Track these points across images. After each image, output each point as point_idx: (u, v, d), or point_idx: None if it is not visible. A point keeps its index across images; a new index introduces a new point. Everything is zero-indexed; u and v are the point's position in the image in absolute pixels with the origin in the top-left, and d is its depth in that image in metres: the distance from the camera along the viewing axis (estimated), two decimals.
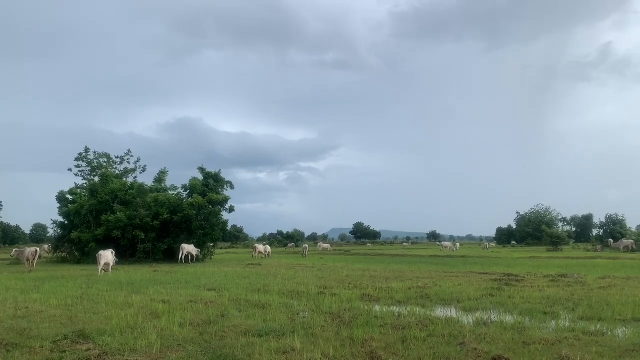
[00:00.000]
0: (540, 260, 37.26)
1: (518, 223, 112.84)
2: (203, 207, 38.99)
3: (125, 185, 40.70)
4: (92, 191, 39.56)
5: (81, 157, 43.77)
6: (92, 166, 43.85)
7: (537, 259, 40.82)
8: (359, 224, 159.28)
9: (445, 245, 67.61)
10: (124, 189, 39.92)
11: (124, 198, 39.38)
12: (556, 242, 68.37)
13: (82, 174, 43.92)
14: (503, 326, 9.66)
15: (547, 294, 14.47)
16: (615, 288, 16.00)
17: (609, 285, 16.81)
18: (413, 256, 47.70)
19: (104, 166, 43.82)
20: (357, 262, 35.72)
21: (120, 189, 39.53)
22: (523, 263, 33.21)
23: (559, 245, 68.23)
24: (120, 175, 43.69)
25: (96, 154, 44.45)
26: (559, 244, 68.81)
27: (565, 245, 72.40)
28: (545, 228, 76.71)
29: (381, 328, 9.52)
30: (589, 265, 29.62)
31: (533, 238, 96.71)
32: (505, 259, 39.51)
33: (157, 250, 37.59)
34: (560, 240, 69.81)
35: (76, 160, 43.69)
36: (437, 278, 20.11)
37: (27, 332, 9.29)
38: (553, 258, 41.70)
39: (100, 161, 44.27)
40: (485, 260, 37.51)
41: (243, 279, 20.36)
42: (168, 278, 20.95)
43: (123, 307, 12.39)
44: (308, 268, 27.39)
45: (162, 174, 45.16)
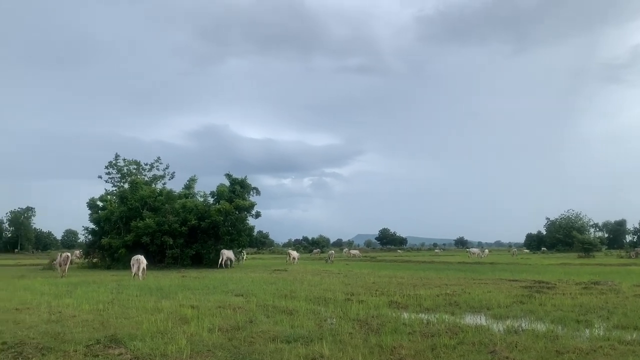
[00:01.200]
0: (572, 268, 36.45)
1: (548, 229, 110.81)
2: (230, 213, 39.31)
3: (155, 192, 41.34)
4: (122, 198, 40.30)
5: (112, 164, 44.70)
6: (122, 173, 44.75)
7: (568, 266, 39.95)
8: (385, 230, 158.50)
9: (474, 252, 66.76)
10: (153, 195, 40.54)
11: (153, 205, 39.99)
12: (588, 248, 66.81)
13: (113, 181, 44.87)
14: (535, 334, 9.47)
15: (580, 302, 14.14)
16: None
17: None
18: (440, 263, 47.19)
19: (134, 173, 44.65)
20: (384, 268, 35.49)
21: (150, 195, 40.16)
22: (554, 270, 32.54)
23: (591, 252, 66.66)
24: (150, 182, 44.46)
25: (126, 162, 45.35)
26: (591, 250, 67.21)
27: (597, 252, 70.69)
28: (576, 234, 75.04)
29: (410, 336, 9.43)
30: (623, 273, 28.85)
31: (564, 245, 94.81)
32: (535, 266, 38.76)
33: (185, 256, 38.02)
34: (593, 247, 68.18)
35: (107, 168, 44.66)
36: (466, 285, 19.85)
37: (61, 337, 9.48)
38: (585, 265, 40.77)
39: (130, 168, 45.16)
40: (515, 267, 36.87)
41: (270, 285, 20.43)
42: (196, 284, 21.16)
43: (153, 312, 12.55)
44: (334, 274, 27.33)
45: (192, 181, 45.86)
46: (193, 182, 45.73)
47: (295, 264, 43.08)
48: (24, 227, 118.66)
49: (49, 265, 36.50)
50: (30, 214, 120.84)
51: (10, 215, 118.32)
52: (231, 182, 42.22)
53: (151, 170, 46.20)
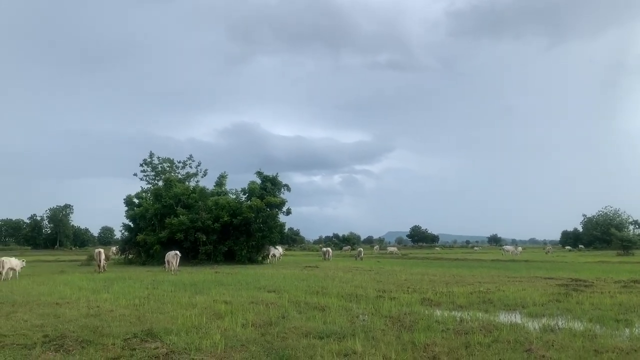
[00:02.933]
0: (611, 265, 35.47)
1: (585, 226, 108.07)
2: (261, 210, 39.62)
3: (188, 189, 41.98)
4: (156, 195, 41.07)
5: (146, 162, 45.61)
6: (156, 171, 45.64)
7: (606, 264, 38.90)
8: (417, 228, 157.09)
9: (508, 249, 65.67)
10: (187, 193, 41.16)
11: (187, 202, 40.61)
12: (627, 246, 64.86)
13: (147, 178, 45.80)
14: (572, 333, 9.27)
15: (620, 301, 13.77)
16: None
17: None
18: (473, 260, 46.55)
19: (168, 171, 45.45)
20: (415, 266, 35.23)
21: (183, 193, 40.79)
22: (591, 268, 31.73)
23: (630, 250, 64.70)
24: (183, 180, 45.20)
25: (160, 160, 46.22)
26: (630, 248, 65.24)
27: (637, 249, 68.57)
28: (614, 232, 72.90)
29: (443, 333, 9.35)
30: None
31: (601, 242, 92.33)
32: (571, 264, 37.89)
33: (218, 253, 38.50)
34: (632, 245, 66.16)
35: (142, 166, 45.58)
36: (500, 283, 19.55)
37: (100, 330, 9.74)
38: (624, 263, 39.62)
39: (164, 166, 46.02)
40: (550, 265, 36.11)
41: (302, 281, 20.53)
42: (229, 280, 21.41)
43: (187, 307, 12.77)
44: (365, 271, 27.28)
45: (223, 178, 46.34)
46: (224, 179, 46.25)
47: (327, 261, 43.25)
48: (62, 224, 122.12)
49: (87, 262, 37.61)
50: (68, 211, 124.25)
51: (50, 212, 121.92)
52: (262, 180, 42.53)
53: (184, 168, 47.00)
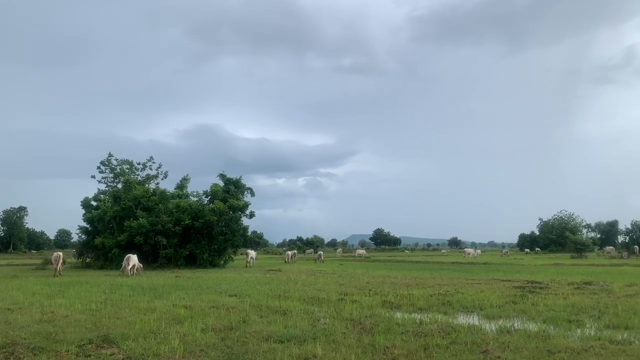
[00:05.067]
0: (565, 268, 36.63)
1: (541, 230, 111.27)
2: (224, 213, 39.26)
3: (148, 191, 41.21)
4: (115, 198, 40.15)
5: (104, 164, 44.55)
6: (115, 173, 44.61)
7: (561, 266, 40.15)
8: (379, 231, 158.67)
9: (469, 252, 67.00)
10: (147, 195, 40.42)
11: (147, 204, 39.87)
12: (581, 249, 67.22)
13: (106, 180, 44.71)
14: (527, 334, 9.52)
15: (572, 302, 14.23)
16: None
17: (636, 294, 16.46)
18: (434, 263, 47.32)
19: (127, 173, 44.49)
20: (378, 268, 35.56)
21: (143, 195, 40.04)
22: (547, 270, 32.70)
23: (583, 252, 66.99)
24: (143, 182, 44.32)
25: (119, 161, 45.20)
26: (583, 250, 67.60)
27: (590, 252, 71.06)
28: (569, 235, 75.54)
29: (403, 335, 9.46)
30: (615, 273, 29.03)
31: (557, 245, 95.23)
32: (528, 266, 38.94)
33: (178, 256, 37.93)
34: (585, 247, 68.64)
35: (99, 168, 44.50)
36: (459, 285, 19.91)
37: (53, 337, 9.44)
38: (578, 265, 40.97)
39: (123, 168, 45.01)
40: (508, 268, 37.03)
41: (264, 285, 20.43)
42: (190, 284, 21.12)
43: (146, 312, 12.53)
44: (328, 275, 27.36)
45: (185, 181, 45.68)
46: (186, 181, 45.60)
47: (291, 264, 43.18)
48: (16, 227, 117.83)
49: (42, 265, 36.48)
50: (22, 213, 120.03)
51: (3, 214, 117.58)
52: (225, 182, 42.18)
53: (144, 170, 46.09)
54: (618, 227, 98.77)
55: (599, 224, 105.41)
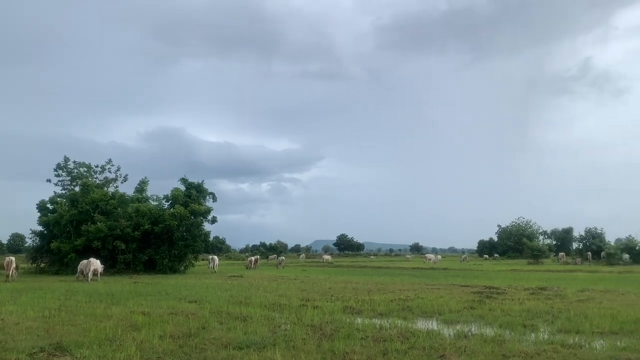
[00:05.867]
0: (521, 273, 37.59)
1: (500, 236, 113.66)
2: (185, 218, 38.73)
3: (107, 195, 40.31)
4: (72, 201, 39.07)
5: (61, 167, 43.33)
6: (72, 176, 43.44)
7: (518, 272, 41.17)
8: (343, 236, 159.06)
9: (429, 257, 67.97)
10: (105, 199, 39.52)
11: (105, 208, 38.97)
12: (537, 255, 68.94)
13: (62, 184, 43.47)
14: (483, 339, 9.72)
15: (528, 307, 14.61)
16: (594, 301, 16.22)
17: (587, 299, 17.03)
18: (396, 268, 47.80)
19: (85, 176, 43.37)
20: (340, 274, 35.69)
21: (102, 199, 39.13)
22: (504, 276, 33.49)
23: (540, 259, 68.83)
24: (102, 185, 43.29)
25: (76, 164, 44.04)
26: (540, 257, 69.39)
27: (546, 258, 73.05)
28: (526, 241, 77.36)
29: (362, 341, 9.52)
30: (569, 279, 29.97)
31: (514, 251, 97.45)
32: (486, 272, 39.79)
33: (138, 262, 37.21)
34: (542, 254, 70.41)
35: (56, 170, 43.26)
36: (419, 290, 20.17)
37: (3, 345, 9.11)
38: (534, 271, 42.09)
39: (80, 171, 43.86)
40: (467, 273, 37.76)
41: (225, 291, 20.22)
42: (149, 290, 20.72)
43: (102, 319, 12.22)
44: (291, 280, 27.29)
45: (144, 184, 44.82)
46: (145, 184, 44.73)
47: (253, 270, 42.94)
48: None
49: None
50: None
51: None
52: (187, 187, 41.62)
53: (103, 173, 45.01)
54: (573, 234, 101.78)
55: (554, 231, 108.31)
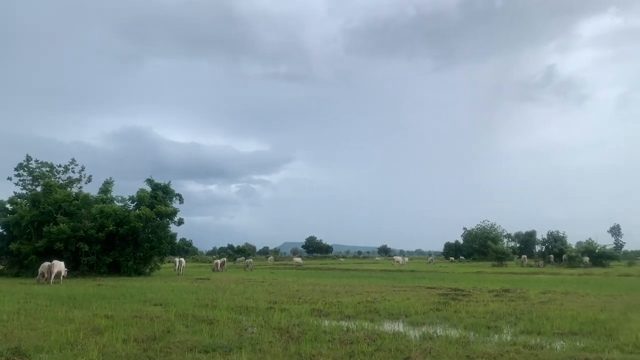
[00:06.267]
0: (486, 276, 38.27)
1: (465, 239, 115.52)
2: (151, 219, 38.11)
3: (70, 195, 39.31)
4: (34, 201, 37.95)
5: (22, 166, 42.10)
6: (34, 176, 42.23)
7: (482, 274, 41.90)
8: (312, 238, 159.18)
9: (397, 259, 68.61)
10: (69, 199, 38.53)
11: (68, 209, 38.01)
12: (501, 257, 70.33)
13: (23, 183, 42.22)
14: (448, 340, 9.86)
15: (492, 309, 14.87)
16: (555, 303, 16.64)
17: (549, 300, 17.46)
18: (364, 271, 48.07)
19: (47, 176, 42.23)
20: (308, 276, 35.67)
21: (64, 199, 38.14)
22: (469, 278, 34.03)
23: (504, 261, 70.23)
24: (65, 186, 42.21)
25: (38, 163, 42.85)
26: (504, 259, 70.80)
27: (510, 261, 74.59)
28: (491, 244, 78.79)
29: (329, 343, 9.53)
30: (532, 281, 30.65)
31: (479, 253, 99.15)
32: (452, 274, 40.36)
33: (102, 264, 36.39)
34: (505, 256, 71.85)
35: (17, 170, 41.99)
36: (386, 293, 20.33)
37: None
38: (498, 273, 42.91)
39: (42, 171, 42.69)
40: (434, 275, 38.24)
41: (191, 294, 19.97)
42: (113, 292, 20.30)
43: (63, 322, 11.92)
44: (258, 283, 27.14)
45: (108, 185, 43.89)
46: (109, 185, 43.81)
47: (220, 272, 42.60)
48: None
49: None
50: None
51: None
52: (153, 188, 40.96)
53: (66, 173, 43.88)
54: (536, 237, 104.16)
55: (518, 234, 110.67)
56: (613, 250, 70.28)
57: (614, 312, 14.16)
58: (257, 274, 39.61)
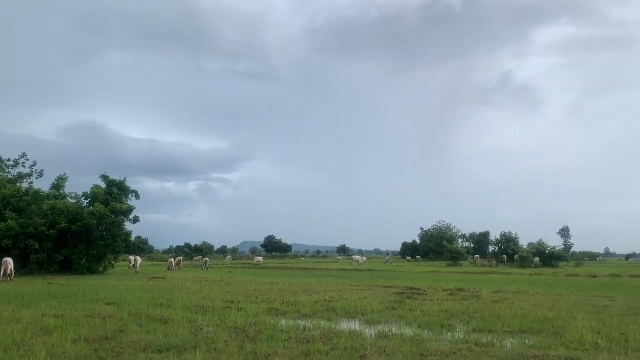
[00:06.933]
0: (441, 275, 39.05)
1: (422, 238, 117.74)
2: (105, 216, 37.15)
3: (19, 191, 37.91)
4: None
5: None
6: None
7: (438, 273, 42.73)
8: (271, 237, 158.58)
9: (356, 259, 69.21)
10: (18, 195, 37.16)
11: (17, 205, 36.64)
12: (456, 257, 71.91)
13: None
14: (403, 339, 10.01)
15: (446, 308, 15.18)
16: (506, 302, 17.12)
17: (500, 299, 17.95)
18: (322, 270, 48.25)
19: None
20: (266, 275, 35.56)
21: (13, 195, 36.76)
22: (425, 277, 34.65)
23: (458, 261, 71.83)
24: (14, 181, 40.64)
25: None
26: (458, 259, 72.43)
27: (464, 260, 76.36)
28: (446, 244, 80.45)
29: (285, 342, 9.53)
30: (485, 280, 31.46)
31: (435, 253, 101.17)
32: (408, 273, 41.01)
33: (52, 262, 35.23)
34: (460, 256, 73.52)
35: None
36: (343, 291, 20.46)
37: None
38: (452, 273, 43.83)
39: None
40: (390, 274, 38.74)
41: (145, 292, 19.59)
42: (64, 291, 19.71)
43: (9, 322, 11.48)
44: (215, 282, 26.86)
45: (61, 180, 42.48)
46: (62, 181, 42.44)
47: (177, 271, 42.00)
48: None
49: None
50: None
51: None
52: (108, 184, 39.94)
53: (15, 167, 42.24)
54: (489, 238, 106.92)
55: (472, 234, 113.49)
56: (562, 251, 72.91)
57: (561, 310, 14.67)
58: (214, 273, 39.20)
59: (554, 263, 62.25)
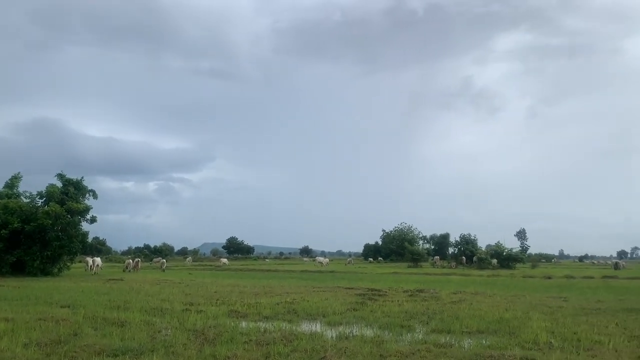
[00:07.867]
0: (402, 276, 39.51)
1: (384, 240, 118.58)
2: (61, 216, 36.03)
3: None
4: None
5: None
6: None
7: (399, 274, 43.20)
8: (233, 239, 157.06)
9: (320, 260, 69.26)
10: None
11: None
12: (417, 259, 72.89)
13: None
14: (363, 340, 10.06)
15: (406, 309, 15.36)
16: (465, 303, 17.45)
17: (459, 300, 18.28)
18: (285, 272, 48.10)
19: None
20: (227, 277, 35.21)
21: None
22: (386, 279, 34.98)
23: (419, 262, 72.77)
24: None
25: None
26: (419, 260, 73.41)
27: (425, 262, 77.40)
28: (407, 245, 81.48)
29: (245, 345, 9.44)
30: (444, 282, 31.99)
31: (397, 255, 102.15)
32: (370, 275, 41.30)
33: (4, 263, 33.96)
34: (421, 257, 74.55)
35: None
36: (305, 293, 20.44)
37: None
38: (413, 274, 44.41)
39: None
40: (352, 276, 38.94)
41: (102, 295, 19.10)
42: (15, 294, 19.02)
43: None
44: (175, 284, 26.42)
45: (15, 180, 41.00)
46: (16, 180, 40.98)
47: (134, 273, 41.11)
48: None
49: None
50: None
51: None
52: (64, 183, 38.80)
53: None
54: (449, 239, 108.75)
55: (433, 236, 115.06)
56: (519, 253, 74.65)
57: (517, 311, 15.05)
58: (174, 275, 38.55)
59: (511, 265, 63.72)
